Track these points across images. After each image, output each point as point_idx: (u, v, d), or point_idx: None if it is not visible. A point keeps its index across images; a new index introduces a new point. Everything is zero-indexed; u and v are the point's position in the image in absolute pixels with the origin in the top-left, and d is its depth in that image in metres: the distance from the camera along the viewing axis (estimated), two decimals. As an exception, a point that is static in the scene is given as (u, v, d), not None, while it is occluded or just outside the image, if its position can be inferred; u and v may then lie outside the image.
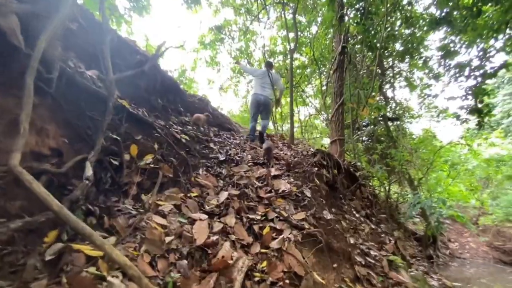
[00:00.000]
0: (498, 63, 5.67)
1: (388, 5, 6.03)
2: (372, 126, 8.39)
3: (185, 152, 2.42)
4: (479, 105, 6.12)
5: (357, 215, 3.46)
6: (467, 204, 11.89)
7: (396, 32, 8.10)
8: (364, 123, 10.02)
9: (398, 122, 10.37)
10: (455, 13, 5.83)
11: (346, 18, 6.64)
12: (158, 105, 2.80)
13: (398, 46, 8.45)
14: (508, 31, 5.44)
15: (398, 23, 8.18)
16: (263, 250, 1.65)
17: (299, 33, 8.40)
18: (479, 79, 6.25)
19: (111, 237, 1.27)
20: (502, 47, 6.03)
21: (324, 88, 10.59)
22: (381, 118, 9.34)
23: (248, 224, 1.85)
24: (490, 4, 5.18)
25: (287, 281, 1.49)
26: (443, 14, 5.99)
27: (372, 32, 5.78)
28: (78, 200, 1.24)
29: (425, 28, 7.60)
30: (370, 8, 5.78)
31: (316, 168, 2.99)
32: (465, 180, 11.01)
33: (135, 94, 2.39)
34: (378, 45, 6.09)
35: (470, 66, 6.26)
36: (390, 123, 9.87)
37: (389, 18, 6.84)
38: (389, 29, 7.05)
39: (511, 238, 10.26)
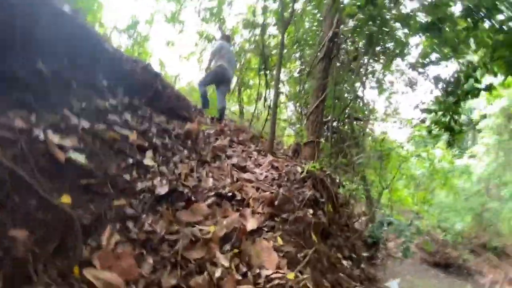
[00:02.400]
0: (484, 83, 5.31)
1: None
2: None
3: (78, 195, 1.11)
4: (452, 124, 5.80)
5: (344, 262, 2.62)
6: (407, 208, 12.73)
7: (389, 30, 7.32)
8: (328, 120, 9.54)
9: (361, 122, 10.13)
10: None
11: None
12: (21, 76, 1.34)
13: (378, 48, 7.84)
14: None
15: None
16: None
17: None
18: (461, 97, 5.82)
19: None
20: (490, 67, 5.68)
21: (296, 75, 9.60)
22: (346, 116, 8.95)
23: None
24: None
25: None
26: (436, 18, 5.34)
27: (378, 21, 4.81)
28: None
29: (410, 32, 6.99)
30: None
31: (311, 211, 1.96)
32: (419, 192, 11.57)
33: None
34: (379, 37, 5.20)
35: (452, 81, 5.82)
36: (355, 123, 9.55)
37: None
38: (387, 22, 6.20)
39: (438, 241, 11.28)
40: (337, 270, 2.20)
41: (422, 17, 5.87)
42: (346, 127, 9.55)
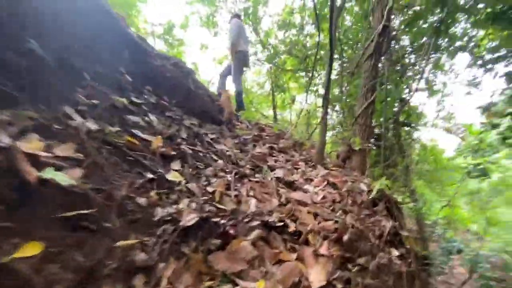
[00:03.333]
0: None
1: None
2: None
3: (58, 236, 0.69)
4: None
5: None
6: (462, 227, 11.04)
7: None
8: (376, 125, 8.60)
9: (409, 128, 8.99)
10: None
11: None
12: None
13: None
14: None
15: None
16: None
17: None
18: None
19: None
20: None
21: (335, 76, 8.82)
22: (393, 121, 7.96)
23: None
24: None
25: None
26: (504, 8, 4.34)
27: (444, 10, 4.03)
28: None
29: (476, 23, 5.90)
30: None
31: (396, 252, 1.36)
32: (480, 209, 10.00)
33: None
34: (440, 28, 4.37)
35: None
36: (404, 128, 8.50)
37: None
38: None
39: (501, 267, 9.51)
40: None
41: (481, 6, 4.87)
42: (391, 133, 8.57)
